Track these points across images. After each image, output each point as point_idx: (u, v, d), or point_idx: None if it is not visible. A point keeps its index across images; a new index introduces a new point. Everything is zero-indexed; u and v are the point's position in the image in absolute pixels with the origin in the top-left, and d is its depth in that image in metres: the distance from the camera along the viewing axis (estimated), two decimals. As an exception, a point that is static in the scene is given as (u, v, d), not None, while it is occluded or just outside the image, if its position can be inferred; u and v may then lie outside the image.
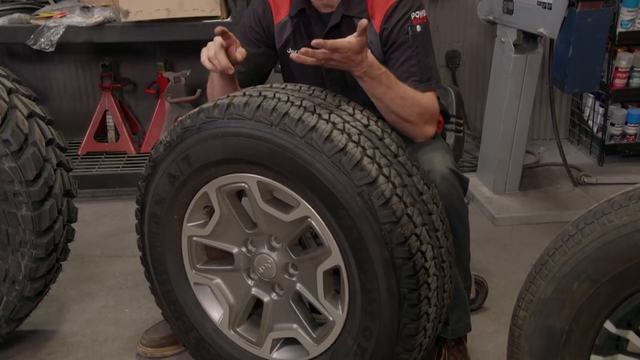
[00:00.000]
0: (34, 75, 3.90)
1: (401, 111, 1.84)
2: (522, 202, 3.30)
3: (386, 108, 1.84)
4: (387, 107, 1.83)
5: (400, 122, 1.86)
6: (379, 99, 1.82)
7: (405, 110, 1.84)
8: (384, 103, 1.83)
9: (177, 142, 1.81)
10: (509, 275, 2.72)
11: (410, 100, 1.85)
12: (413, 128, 1.89)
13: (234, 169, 1.78)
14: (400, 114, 1.84)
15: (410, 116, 1.86)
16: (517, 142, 3.28)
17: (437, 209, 1.74)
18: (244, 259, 1.92)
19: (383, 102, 1.82)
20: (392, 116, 1.85)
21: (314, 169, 1.64)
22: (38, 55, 3.78)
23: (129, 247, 2.98)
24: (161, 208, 1.91)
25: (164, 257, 1.99)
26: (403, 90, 1.84)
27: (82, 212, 2.43)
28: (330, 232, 1.70)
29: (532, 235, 3.05)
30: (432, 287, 1.70)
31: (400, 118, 1.85)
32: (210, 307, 2.00)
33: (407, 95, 1.84)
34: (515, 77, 3.14)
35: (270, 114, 1.67)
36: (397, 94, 1.82)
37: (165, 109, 3.63)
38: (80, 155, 3.71)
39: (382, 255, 1.63)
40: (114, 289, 2.69)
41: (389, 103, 1.82)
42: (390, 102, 1.82)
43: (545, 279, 1.42)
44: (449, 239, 1.78)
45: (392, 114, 1.85)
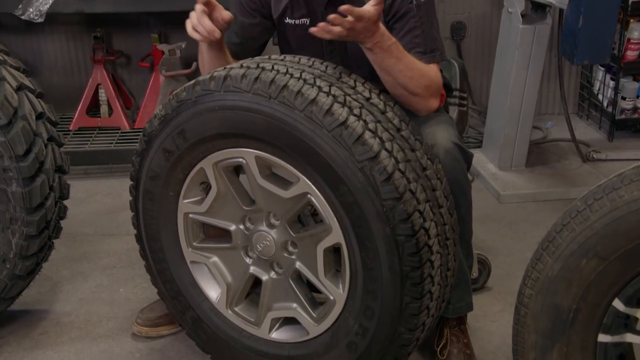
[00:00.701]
0: (22, 48, 3.88)
1: (409, 84, 1.84)
2: (528, 178, 3.30)
3: (393, 81, 1.83)
4: (394, 79, 1.83)
5: (406, 95, 1.86)
6: (388, 71, 1.82)
7: (413, 82, 1.84)
8: (392, 75, 1.82)
9: (172, 115, 1.81)
10: (514, 254, 2.73)
11: (418, 72, 1.84)
12: (419, 101, 1.89)
13: (231, 144, 1.78)
14: (407, 87, 1.84)
15: (418, 89, 1.86)
16: (524, 116, 3.27)
17: (441, 185, 1.74)
18: (242, 237, 1.93)
19: (391, 74, 1.82)
20: (399, 89, 1.84)
21: (313, 143, 1.63)
22: (27, 27, 3.76)
23: (123, 225, 2.99)
24: (156, 184, 1.91)
25: (159, 235, 1.99)
26: (411, 61, 1.84)
27: (74, 189, 2.43)
28: (330, 209, 1.70)
29: (538, 213, 3.06)
30: (436, 265, 1.71)
31: (407, 91, 1.85)
32: (207, 286, 2.01)
33: (415, 67, 1.84)
34: (522, 48, 3.12)
35: (269, 87, 1.66)
36: (406, 65, 1.82)
37: (160, 82, 3.62)
38: (72, 130, 3.71)
39: (384, 232, 1.63)
40: (108, 268, 2.71)
41: (398, 75, 1.82)
42: (399, 74, 1.82)
43: (553, 256, 1.42)
44: (453, 216, 1.78)
45: (399, 87, 1.84)
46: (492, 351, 2.18)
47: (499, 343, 2.21)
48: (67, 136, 3.61)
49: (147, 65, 3.78)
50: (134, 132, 3.70)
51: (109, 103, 3.74)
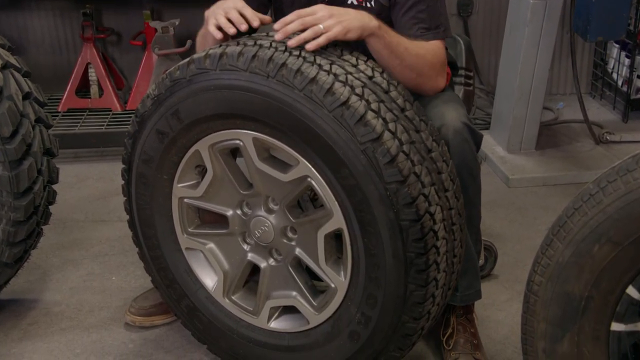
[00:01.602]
0: (7, 24, 3.86)
1: (414, 65, 1.83)
2: (538, 162, 3.30)
3: (400, 64, 1.82)
4: (402, 62, 1.82)
5: (414, 77, 1.86)
6: (395, 54, 1.80)
7: (419, 61, 1.84)
8: (399, 57, 1.81)
9: (165, 95, 1.81)
10: (523, 241, 2.74)
11: (422, 50, 1.85)
12: (426, 82, 1.90)
13: (228, 125, 1.78)
14: (415, 68, 1.84)
15: (424, 69, 1.86)
16: (534, 97, 3.27)
17: (447, 168, 1.74)
18: (239, 222, 1.93)
19: (398, 57, 1.81)
20: (407, 72, 1.84)
21: (314, 124, 1.63)
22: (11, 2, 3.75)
23: (115, 211, 2.99)
24: (149, 168, 1.91)
25: (153, 220, 1.99)
26: (413, 42, 1.84)
27: (63, 173, 2.43)
28: (331, 193, 1.70)
29: (549, 198, 3.06)
30: (441, 251, 1.71)
31: (414, 72, 1.85)
32: (203, 273, 2.02)
33: (416, 46, 1.84)
34: (533, 25, 3.11)
35: (267, 65, 1.66)
36: (407, 44, 1.82)
37: (153, 61, 3.61)
38: (61, 112, 3.70)
39: (387, 217, 1.63)
40: (99, 255, 2.71)
41: (405, 55, 1.81)
42: (406, 55, 1.81)
43: (564, 241, 1.43)
44: (459, 200, 1.78)
45: (407, 70, 1.83)
46: (500, 341, 2.19)
47: (506, 332, 2.22)
48: (56, 118, 3.61)
49: (139, 44, 3.77)
50: (126, 113, 3.69)
51: (100, 83, 3.73)
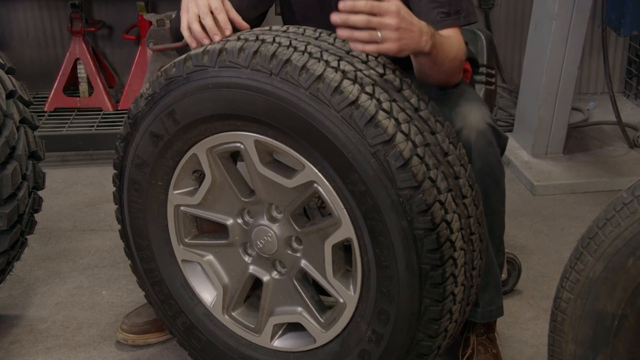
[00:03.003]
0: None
1: (450, 67, 1.86)
2: (566, 167, 3.30)
3: (438, 71, 1.84)
4: (439, 69, 1.83)
5: (445, 79, 1.90)
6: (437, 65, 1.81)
7: (451, 63, 1.86)
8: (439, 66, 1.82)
9: (160, 95, 1.82)
10: (550, 254, 2.74)
11: (454, 50, 1.85)
12: (452, 79, 1.94)
13: (228, 127, 1.79)
14: (450, 71, 1.87)
15: (455, 68, 1.89)
16: (561, 96, 3.27)
17: (465, 173, 1.75)
18: (240, 232, 1.95)
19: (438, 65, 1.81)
20: (442, 76, 1.88)
21: (320, 125, 1.64)
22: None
23: (106, 220, 3.01)
24: (143, 173, 1.93)
25: (146, 230, 2.01)
26: (448, 43, 1.83)
27: (50, 178, 2.46)
28: (340, 200, 1.71)
29: (578, 207, 3.07)
30: (459, 263, 1.72)
31: (448, 75, 1.89)
32: (201, 288, 2.03)
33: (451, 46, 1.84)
34: (561, 18, 3.12)
35: (270, 61, 1.67)
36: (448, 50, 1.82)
37: (147, 57, 3.62)
38: (48, 112, 3.72)
39: (400, 225, 1.64)
40: (88, 267, 2.73)
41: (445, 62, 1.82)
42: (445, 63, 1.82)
43: (594, 255, 1.43)
44: (479, 208, 1.79)
45: (442, 74, 1.87)
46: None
47: (531, 354, 2.22)
48: (42, 118, 3.63)
49: (132, 38, 3.79)
50: (118, 113, 3.71)
51: (89, 81, 3.75)
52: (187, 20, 1.86)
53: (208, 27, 1.83)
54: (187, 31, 1.86)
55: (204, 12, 1.83)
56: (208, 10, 1.83)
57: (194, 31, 1.84)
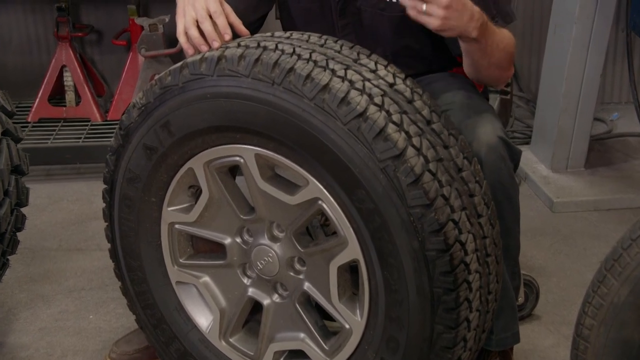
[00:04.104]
0: (-30, 22, 3.92)
1: (500, 59, 1.89)
2: (588, 182, 3.31)
3: (488, 63, 1.88)
4: (490, 60, 1.88)
5: (496, 73, 1.93)
6: (490, 54, 1.86)
7: (505, 57, 1.90)
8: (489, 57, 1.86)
9: (154, 105, 1.83)
10: (571, 276, 2.74)
11: (506, 44, 1.90)
12: (503, 74, 1.97)
13: (227, 139, 1.80)
14: (501, 64, 1.91)
15: (505, 61, 1.92)
16: (583, 106, 3.28)
17: (481, 190, 1.76)
18: (239, 252, 1.95)
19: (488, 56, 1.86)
20: (493, 69, 1.92)
21: (326, 138, 1.65)
22: (-24, -3, 3.80)
23: (94, 238, 3.02)
24: (135, 188, 1.94)
25: (138, 249, 2.01)
26: (500, 35, 1.88)
27: (34, 194, 2.46)
28: (346, 218, 1.72)
29: (601, 225, 3.07)
30: (474, 287, 1.72)
31: (499, 68, 1.92)
32: (196, 312, 2.04)
33: (503, 37, 1.89)
34: (582, 22, 3.13)
35: (272, 70, 1.68)
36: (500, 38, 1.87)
37: (139, 64, 3.65)
38: (32, 122, 3.73)
39: (411, 246, 1.65)
40: (74, 290, 2.73)
41: (495, 53, 1.86)
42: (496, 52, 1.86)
43: (619, 278, 1.43)
44: (495, 228, 1.79)
45: (493, 67, 1.91)
46: (543, 394, 2.20)
47: (551, 383, 2.23)
48: (26, 129, 3.64)
49: (122, 44, 3.81)
50: (107, 124, 3.72)
51: (76, 89, 3.77)
52: (183, 25, 1.86)
53: (207, 33, 1.84)
54: (183, 37, 1.87)
55: (202, 17, 1.84)
56: (206, 14, 1.84)
57: (192, 37, 1.85)
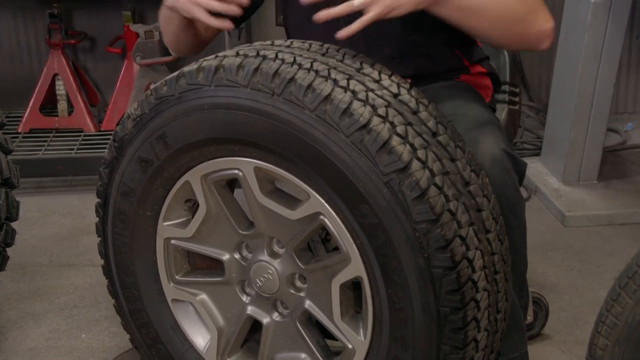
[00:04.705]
0: (-41, 28, 3.93)
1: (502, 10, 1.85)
2: (601, 195, 3.31)
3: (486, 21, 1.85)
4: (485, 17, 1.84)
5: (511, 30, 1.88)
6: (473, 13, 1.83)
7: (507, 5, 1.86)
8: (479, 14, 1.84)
9: (150, 116, 1.84)
10: (584, 293, 2.74)
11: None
12: (529, 29, 1.90)
13: (225, 152, 1.81)
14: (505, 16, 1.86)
15: (516, 11, 1.87)
16: (595, 116, 3.28)
17: (489, 204, 1.76)
18: (238, 269, 1.95)
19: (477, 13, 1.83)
20: (501, 26, 1.87)
21: (328, 151, 1.65)
22: (-36, 2, 3.81)
23: (86, 254, 3.02)
24: (130, 202, 1.94)
25: (133, 266, 2.02)
26: None
27: (24, 207, 2.46)
28: (349, 234, 1.72)
29: (615, 240, 3.07)
30: (482, 306, 1.72)
31: (509, 23, 1.87)
32: (193, 331, 2.04)
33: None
34: (594, 29, 3.14)
35: (272, 80, 1.68)
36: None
37: (134, 73, 3.66)
38: (22, 133, 3.74)
39: (416, 263, 1.65)
40: (66, 308, 2.73)
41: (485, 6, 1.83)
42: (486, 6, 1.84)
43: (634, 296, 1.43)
44: (503, 244, 1.80)
45: (499, 24, 1.86)
46: (554, 417, 2.20)
47: (563, 406, 2.23)
48: (16, 140, 3.65)
49: (117, 51, 3.82)
50: (101, 135, 3.73)
51: (69, 98, 3.78)
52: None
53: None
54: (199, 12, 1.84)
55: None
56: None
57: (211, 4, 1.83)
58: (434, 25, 1.90)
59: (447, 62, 2.14)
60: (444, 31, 1.97)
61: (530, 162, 3.41)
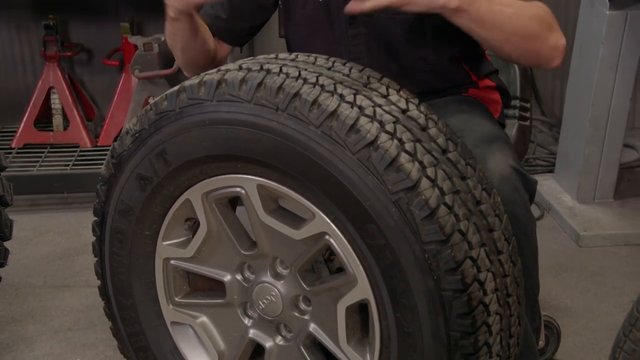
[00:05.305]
0: (-49, 40, 3.95)
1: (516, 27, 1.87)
2: (618, 214, 3.30)
3: (501, 34, 1.87)
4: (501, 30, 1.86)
5: (525, 45, 1.90)
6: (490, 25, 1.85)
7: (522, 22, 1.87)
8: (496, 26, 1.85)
9: (149, 131, 1.84)
10: (599, 317, 2.73)
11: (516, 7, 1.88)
12: (542, 45, 1.92)
13: (227, 169, 1.81)
14: (520, 31, 1.87)
15: (529, 28, 1.89)
16: (611, 131, 3.28)
17: (501, 224, 1.76)
18: (239, 290, 1.96)
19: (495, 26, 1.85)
20: (515, 41, 1.88)
21: (333, 169, 1.66)
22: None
23: (82, 274, 3.02)
24: (128, 221, 1.94)
25: (130, 287, 2.02)
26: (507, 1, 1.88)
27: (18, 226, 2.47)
28: (355, 255, 1.72)
29: (632, 262, 3.06)
30: (494, 330, 1.72)
31: (523, 38, 1.88)
32: (193, 355, 2.04)
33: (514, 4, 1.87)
34: (610, 42, 3.14)
35: (276, 95, 1.69)
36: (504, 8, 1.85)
37: (132, 86, 3.67)
38: (16, 148, 3.75)
39: (425, 286, 1.65)
40: (60, 330, 2.73)
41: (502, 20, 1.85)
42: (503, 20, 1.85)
43: (653, 320, 1.43)
44: (516, 265, 1.79)
45: (514, 38, 1.88)
46: None
47: None
48: (9, 156, 3.66)
49: (115, 64, 3.83)
50: (98, 151, 3.74)
51: (65, 112, 3.78)
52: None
53: None
54: None
55: None
56: None
57: None
58: (440, 41, 1.91)
59: (454, 77, 2.15)
60: (450, 46, 1.98)
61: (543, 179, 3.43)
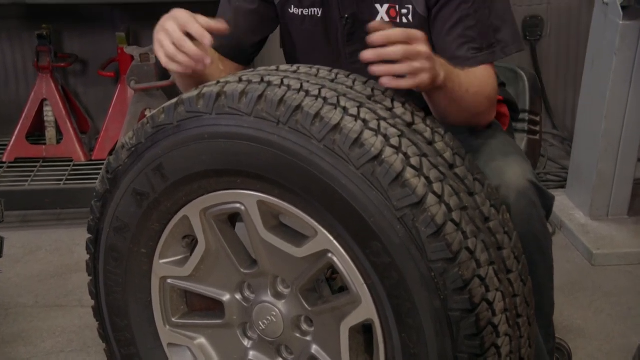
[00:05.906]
0: (-58, 51, 3.96)
1: (473, 104, 1.92)
2: (633, 231, 3.29)
3: (458, 109, 1.90)
4: (459, 106, 1.90)
5: (470, 118, 1.95)
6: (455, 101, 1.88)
7: (477, 100, 1.92)
8: (458, 103, 1.89)
9: (146, 146, 1.84)
10: (614, 338, 2.72)
11: (478, 86, 1.91)
12: (482, 119, 2.00)
13: (226, 184, 1.81)
14: (471, 109, 1.92)
15: (481, 106, 1.94)
16: (625, 146, 3.28)
17: (510, 242, 1.76)
18: (239, 310, 1.95)
19: (457, 102, 1.89)
20: (465, 114, 1.93)
21: (336, 184, 1.66)
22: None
23: (75, 293, 3.01)
24: (123, 238, 1.94)
25: (126, 307, 2.02)
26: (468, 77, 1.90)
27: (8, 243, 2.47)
28: (359, 273, 1.72)
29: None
30: (504, 352, 1.72)
31: (471, 113, 1.94)
32: (190, 378, 2.04)
33: (474, 83, 1.91)
34: (623, 52, 3.15)
35: (277, 108, 1.69)
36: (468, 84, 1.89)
37: (128, 98, 3.67)
38: (7, 162, 3.75)
39: (432, 306, 1.65)
40: (52, 352, 2.72)
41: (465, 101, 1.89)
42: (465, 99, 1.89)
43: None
44: (526, 285, 1.79)
45: (464, 113, 1.92)
46: None
47: None
48: (0, 170, 3.66)
49: (110, 75, 3.84)
50: (92, 165, 3.74)
51: (58, 125, 3.79)
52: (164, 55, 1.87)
53: (191, 53, 1.83)
54: (172, 64, 1.87)
55: (178, 38, 1.83)
56: (181, 33, 1.84)
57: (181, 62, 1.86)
58: None
59: None
60: None
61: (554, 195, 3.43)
